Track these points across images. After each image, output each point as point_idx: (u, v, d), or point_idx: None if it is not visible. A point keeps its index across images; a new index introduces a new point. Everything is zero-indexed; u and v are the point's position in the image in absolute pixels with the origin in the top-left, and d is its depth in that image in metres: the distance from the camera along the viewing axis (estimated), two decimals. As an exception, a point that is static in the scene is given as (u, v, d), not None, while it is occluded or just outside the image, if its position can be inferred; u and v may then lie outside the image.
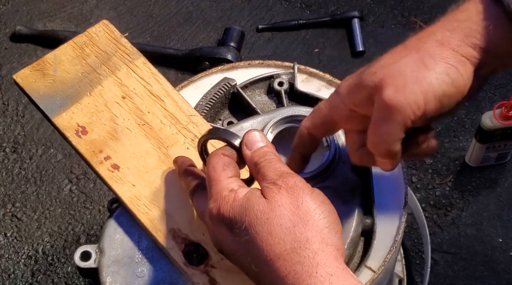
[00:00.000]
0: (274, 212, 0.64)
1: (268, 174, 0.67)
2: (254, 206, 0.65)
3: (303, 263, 0.61)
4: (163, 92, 0.90)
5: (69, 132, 0.87)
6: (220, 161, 0.71)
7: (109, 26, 0.94)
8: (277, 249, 0.62)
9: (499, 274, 1.52)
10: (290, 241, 0.62)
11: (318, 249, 0.62)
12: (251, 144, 0.71)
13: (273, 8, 2.01)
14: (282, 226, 0.63)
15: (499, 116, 1.50)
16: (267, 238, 0.63)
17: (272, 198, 0.65)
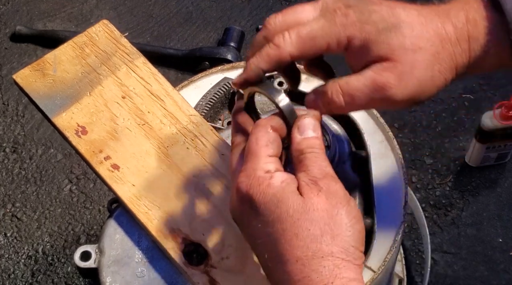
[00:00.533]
0: (307, 215, 0.62)
1: (312, 170, 0.64)
2: (288, 201, 0.62)
3: (320, 272, 0.60)
4: (163, 92, 0.90)
5: (69, 132, 0.87)
6: (266, 136, 0.66)
7: (109, 26, 0.94)
8: (298, 252, 0.61)
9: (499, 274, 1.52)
10: (313, 249, 0.61)
11: (340, 264, 0.61)
12: (303, 130, 0.67)
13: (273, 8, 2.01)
14: (310, 231, 0.61)
15: (499, 116, 1.50)
16: (291, 239, 0.61)
17: (309, 199, 0.63)
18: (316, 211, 0.62)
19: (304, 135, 0.67)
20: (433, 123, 1.75)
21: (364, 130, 0.93)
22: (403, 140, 1.72)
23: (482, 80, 1.81)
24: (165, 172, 0.85)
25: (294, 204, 0.62)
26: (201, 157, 0.86)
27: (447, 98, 1.78)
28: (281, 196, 0.63)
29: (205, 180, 0.85)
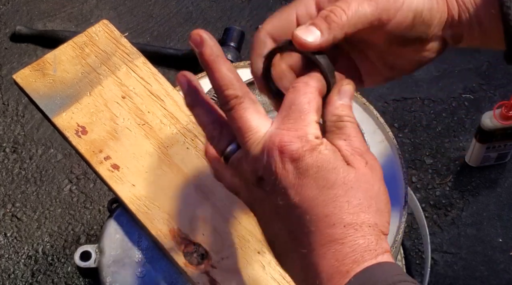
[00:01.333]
0: (359, 185, 0.61)
1: (355, 141, 0.63)
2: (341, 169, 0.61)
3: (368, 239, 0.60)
4: (163, 92, 0.90)
5: (69, 132, 0.87)
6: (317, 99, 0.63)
7: (109, 26, 0.94)
8: (348, 218, 0.60)
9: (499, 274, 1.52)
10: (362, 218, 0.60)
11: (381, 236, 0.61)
12: (343, 95, 0.64)
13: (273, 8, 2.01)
14: (361, 201, 0.61)
15: (499, 116, 1.50)
16: (343, 205, 0.60)
17: (359, 169, 0.62)
18: (366, 183, 0.62)
19: (343, 101, 0.64)
20: (433, 123, 1.75)
21: (364, 130, 0.93)
22: (403, 140, 1.72)
23: (482, 80, 1.81)
24: (165, 172, 0.85)
25: (346, 173, 0.61)
26: (201, 157, 0.86)
27: (447, 98, 1.78)
28: (335, 164, 0.61)
29: (205, 180, 0.85)
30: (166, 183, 0.84)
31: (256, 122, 0.63)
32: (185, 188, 0.84)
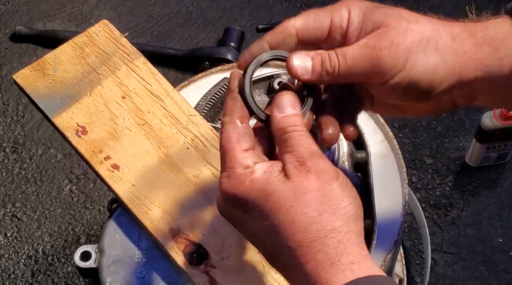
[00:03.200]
0: (300, 199, 0.60)
1: (298, 149, 0.62)
2: (276, 191, 0.61)
3: (326, 251, 0.59)
4: (163, 92, 0.90)
5: (69, 132, 0.87)
6: (235, 131, 0.65)
7: (109, 26, 0.94)
8: (299, 237, 0.59)
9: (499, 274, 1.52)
10: (314, 230, 0.59)
11: (344, 238, 0.59)
12: (282, 107, 0.65)
13: (273, 8, 2.01)
14: (307, 214, 0.60)
15: (499, 116, 1.50)
16: (289, 226, 0.60)
17: (299, 182, 0.61)
18: (309, 193, 0.60)
19: (284, 113, 0.65)
20: (433, 123, 1.75)
21: (364, 130, 0.93)
22: (403, 140, 1.72)
23: (482, 80, 1.81)
24: (165, 172, 0.85)
25: (284, 193, 0.61)
26: (201, 157, 0.86)
27: (447, 98, 1.78)
28: (269, 188, 0.61)
29: (205, 180, 0.85)
30: (166, 183, 0.84)
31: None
32: (185, 188, 0.84)
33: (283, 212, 0.60)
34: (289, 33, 0.68)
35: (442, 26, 0.68)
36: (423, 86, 0.67)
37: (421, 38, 0.66)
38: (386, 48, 0.65)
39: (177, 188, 0.84)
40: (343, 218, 0.60)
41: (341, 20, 0.68)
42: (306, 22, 0.68)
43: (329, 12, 0.69)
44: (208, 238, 0.81)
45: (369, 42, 0.66)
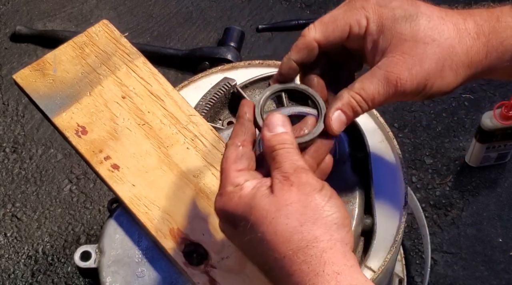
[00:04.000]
0: (281, 211, 0.62)
1: (284, 166, 0.65)
2: (260, 205, 0.63)
3: (309, 262, 0.60)
4: (163, 92, 0.90)
5: (69, 132, 0.87)
6: (234, 152, 0.68)
7: (109, 26, 0.94)
8: (282, 248, 0.61)
9: (499, 274, 1.52)
10: (296, 241, 0.61)
11: (326, 247, 0.61)
12: (272, 127, 0.68)
13: (273, 8, 2.01)
14: (289, 225, 0.61)
15: (499, 116, 1.50)
16: (272, 238, 0.62)
17: (281, 195, 0.63)
18: (290, 205, 0.62)
19: (274, 132, 0.68)
20: (433, 123, 1.75)
21: (364, 130, 0.93)
22: (403, 140, 1.71)
23: (482, 80, 1.81)
24: (165, 172, 0.85)
25: (266, 206, 0.63)
26: (201, 157, 0.86)
27: (447, 98, 1.78)
28: (253, 202, 0.64)
29: (205, 180, 0.85)
30: (166, 183, 0.84)
31: None
32: (185, 188, 0.84)
33: (266, 224, 0.62)
34: (312, 47, 0.72)
35: (458, 39, 0.71)
36: (435, 96, 0.73)
37: (437, 60, 0.70)
38: (408, 82, 0.70)
39: (177, 188, 0.84)
40: (324, 226, 0.62)
41: (359, 28, 0.72)
42: (325, 34, 0.72)
43: (347, 20, 0.72)
44: (208, 238, 0.81)
45: (391, 77, 0.70)
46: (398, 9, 0.71)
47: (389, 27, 0.71)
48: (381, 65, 0.71)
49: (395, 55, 0.70)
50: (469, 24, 0.71)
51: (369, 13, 0.71)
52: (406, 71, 0.70)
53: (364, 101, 0.71)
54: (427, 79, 0.70)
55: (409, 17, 0.71)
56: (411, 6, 0.71)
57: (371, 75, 0.71)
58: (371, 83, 0.70)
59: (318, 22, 0.72)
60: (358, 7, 0.72)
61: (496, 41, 0.71)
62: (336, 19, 0.72)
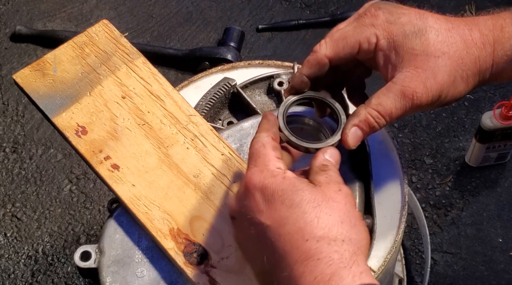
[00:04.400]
0: (327, 203, 0.65)
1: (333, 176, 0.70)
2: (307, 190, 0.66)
3: (342, 254, 0.62)
4: (163, 92, 0.90)
5: (69, 132, 0.87)
6: (271, 142, 0.71)
7: (108, 25, 0.94)
8: (320, 232, 0.63)
9: (499, 274, 1.52)
10: (335, 233, 0.63)
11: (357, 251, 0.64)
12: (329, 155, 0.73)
13: (273, 8, 2.01)
14: (331, 217, 0.64)
15: (499, 116, 1.50)
16: (312, 221, 0.64)
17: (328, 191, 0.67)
18: (336, 203, 0.66)
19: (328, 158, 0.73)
20: (433, 123, 1.75)
21: (364, 130, 0.93)
22: (403, 140, 1.71)
23: (482, 80, 1.81)
24: (165, 172, 0.85)
25: (313, 193, 0.66)
26: (201, 157, 0.86)
27: (447, 98, 1.78)
28: (299, 186, 0.66)
29: (205, 180, 0.85)
30: (166, 183, 0.84)
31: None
32: (185, 188, 0.84)
33: (310, 208, 0.64)
34: (323, 63, 0.76)
35: (466, 50, 0.74)
36: (449, 104, 0.77)
37: (449, 72, 0.73)
38: (424, 95, 0.73)
39: (177, 188, 0.84)
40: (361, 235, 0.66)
41: (369, 45, 0.75)
42: (336, 51, 0.75)
43: (357, 37, 0.75)
44: (208, 238, 0.81)
45: (407, 91, 0.73)
46: (407, 25, 0.74)
47: (400, 43, 0.74)
48: (396, 80, 0.74)
49: (409, 70, 0.73)
50: (475, 34, 0.75)
51: (378, 30, 0.75)
52: (421, 84, 0.73)
53: (381, 116, 0.74)
54: (441, 91, 0.74)
55: (419, 32, 0.74)
56: (419, 20, 0.75)
57: (387, 91, 0.74)
58: (387, 98, 0.74)
59: (329, 38, 0.76)
60: (367, 24, 0.75)
61: (501, 50, 0.74)
62: (346, 36, 0.75)
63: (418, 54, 0.73)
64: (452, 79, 0.74)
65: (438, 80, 0.73)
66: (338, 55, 0.76)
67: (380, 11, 0.75)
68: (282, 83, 0.98)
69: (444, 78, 0.73)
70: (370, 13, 0.76)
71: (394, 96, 0.73)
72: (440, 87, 0.73)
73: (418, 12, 0.76)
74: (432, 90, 0.73)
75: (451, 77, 0.74)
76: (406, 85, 0.73)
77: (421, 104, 0.74)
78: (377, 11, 0.75)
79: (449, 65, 0.73)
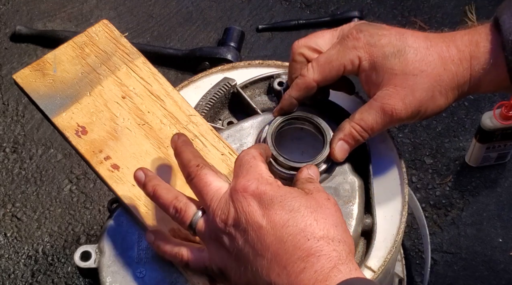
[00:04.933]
0: (322, 209, 0.69)
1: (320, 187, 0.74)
2: (303, 197, 0.69)
3: (340, 252, 0.66)
4: (163, 92, 0.90)
5: (69, 132, 0.87)
6: (260, 156, 0.75)
7: (108, 25, 0.94)
8: (320, 233, 0.67)
9: (499, 274, 1.52)
10: (333, 234, 0.67)
11: (350, 252, 0.68)
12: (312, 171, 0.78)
13: (273, 8, 2.01)
14: (327, 221, 0.68)
15: (499, 116, 1.50)
16: (311, 223, 0.67)
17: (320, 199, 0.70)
18: (328, 209, 0.70)
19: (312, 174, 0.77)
20: (433, 123, 1.75)
21: (364, 130, 0.93)
22: (403, 140, 1.72)
23: (482, 80, 1.81)
24: (165, 172, 0.85)
25: (308, 200, 0.69)
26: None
27: (447, 98, 1.78)
28: (295, 193, 0.70)
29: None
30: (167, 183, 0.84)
31: (217, 183, 0.72)
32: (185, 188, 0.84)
33: (308, 212, 0.68)
34: (311, 86, 0.82)
35: (443, 67, 0.79)
36: (430, 117, 0.82)
37: (427, 89, 0.79)
38: (403, 111, 0.79)
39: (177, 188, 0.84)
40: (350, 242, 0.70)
41: (353, 67, 0.81)
42: (323, 75, 0.81)
43: (341, 61, 0.81)
44: (208, 238, 0.81)
45: (386, 108, 0.79)
46: (387, 46, 0.79)
47: (380, 64, 0.79)
48: (377, 97, 0.80)
49: (389, 88, 0.79)
50: (452, 51, 0.79)
51: (360, 52, 0.80)
52: (400, 101, 0.79)
53: (364, 130, 0.81)
54: (420, 106, 0.79)
55: (398, 53, 0.79)
56: (399, 41, 0.80)
57: (369, 107, 0.81)
58: (369, 114, 0.80)
59: (316, 63, 0.82)
60: (350, 47, 0.80)
61: (477, 65, 0.79)
62: (331, 60, 0.81)
63: (397, 74, 0.78)
64: (431, 95, 0.79)
65: (416, 96, 0.78)
66: (325, 78, 0.82)
67: (362, 34, 0.80)
68: (282, 83, 0.98)
69: (422, 95, 0.78)
70: (352, 36, 0.80)
71: (375, 112, 0.80)
72: (418, 103, 0.79)
73: (398, 32, 0.80)
74: (411, 106, 0.79)
75: (429, 93, 0.79)
76: (385, 102, 0.79)
77: (401, 118, 0.80)
78: (358, 34, 0.80)
79: (427, 82, 0.78)
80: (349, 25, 0.84)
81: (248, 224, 0.68)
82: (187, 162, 0.75)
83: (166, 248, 0.77)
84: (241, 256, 0.69)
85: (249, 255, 0.68)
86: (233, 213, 0.69)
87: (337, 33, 0.84)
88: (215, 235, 0.71)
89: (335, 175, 0.88)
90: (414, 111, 0.80)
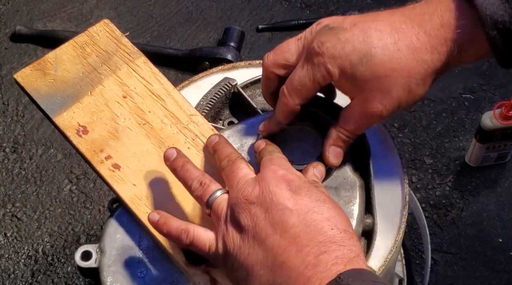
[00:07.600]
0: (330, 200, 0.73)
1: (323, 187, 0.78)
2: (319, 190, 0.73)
3: (359, 248, 0.69)
4: (163, 92, 0.90)
5: (70, 132, 0.87)
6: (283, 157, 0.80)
7: (109, 25, 0.94)
8: (343, 226, 0.69)
9: (499, 274, 1.52)
10: (351, 231, 0.70)
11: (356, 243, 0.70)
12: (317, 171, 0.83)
13: (273, 8, 2.02)
14: (347, 220, 0.71)
15: (499, 116, 1.50)
16: (335, 216, 0.70)
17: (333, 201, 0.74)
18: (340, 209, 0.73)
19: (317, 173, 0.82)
20: (433, 123, 1.75)
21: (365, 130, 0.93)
22: (403, 140, 1.72)
23: (482, 80, 1.81)
24: (166, 172, 0.85)
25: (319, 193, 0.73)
26: (202, 157, 0.86)
27: (447, 98, 1.79)
28: (315, 184, 0.75)
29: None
30: (167, 182, 0.84)
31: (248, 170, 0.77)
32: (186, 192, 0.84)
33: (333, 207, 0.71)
34: (296, 110, 0.83)
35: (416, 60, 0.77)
36: (414, 105, 0.86)
37: (403, 85, 0.78)
38: (384, 111, 0.79)
39: (178, 188, 0.84)
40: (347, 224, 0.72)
41: (326, 81, 0.81)
42: (302, 98, 0.82)
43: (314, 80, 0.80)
44: (209, 238, 0.81)
45: (366, 112, 0.80)
46: (352, 54, 0.77)
47: (350, 73, 0.78)
48: (356, 102, 0.80)
49: (364, 93, 0.79)
50: (422, 39, 0.76)
51: (328, 67, 0.79)
52: (378, 104, 0.78)
53: (349, 133, 0.83)
54: (400, 102, 0.79)
55: (364, 58, 0.77)
56: (363, 44, 0.77)
57: (350, 112, 0.82)
58: (350, 118, 0.82)
59: (293, 90, 0.82)
60: (317, 64, 0.79)
61: (454, 46, 0.76)
62: (304, 82, 0.81)
63: (369, 79, 0.77)
64: (408, 90, 0.78)
65: (393, 95, 0.78)
66: (306, 99, 0.82)
67: (324, 47, 0.78)
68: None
69: (399, 92, 0.78)
70: (315, 51, 0.78)
71: (356, 116, 0.81)
72: (397, 101, 0.78)
73: (361, 31, 0.77)
74: (390, 105, 0.79)
75: (406, 88, 0.78)
76: (364, 107, 0.79)
77: (383, 117, 0.80)
78: (321, 49, 0.78)
79: (401, 79, 0.77)
80: (310, 32, 0.81)
81: (272, 203, 0.71)
82: (228, 154, 0.79)
83: (172, 225, 0.77)
84: (256, 233, 0.70)
85: (267, 233, 0.69)
86: (257, 191, 0.72)
87: (302, 42, 0.82)
88: (232, 212, 0.73)
89: (336, 175, 0.88)
90: (394, 108, 0.80)
